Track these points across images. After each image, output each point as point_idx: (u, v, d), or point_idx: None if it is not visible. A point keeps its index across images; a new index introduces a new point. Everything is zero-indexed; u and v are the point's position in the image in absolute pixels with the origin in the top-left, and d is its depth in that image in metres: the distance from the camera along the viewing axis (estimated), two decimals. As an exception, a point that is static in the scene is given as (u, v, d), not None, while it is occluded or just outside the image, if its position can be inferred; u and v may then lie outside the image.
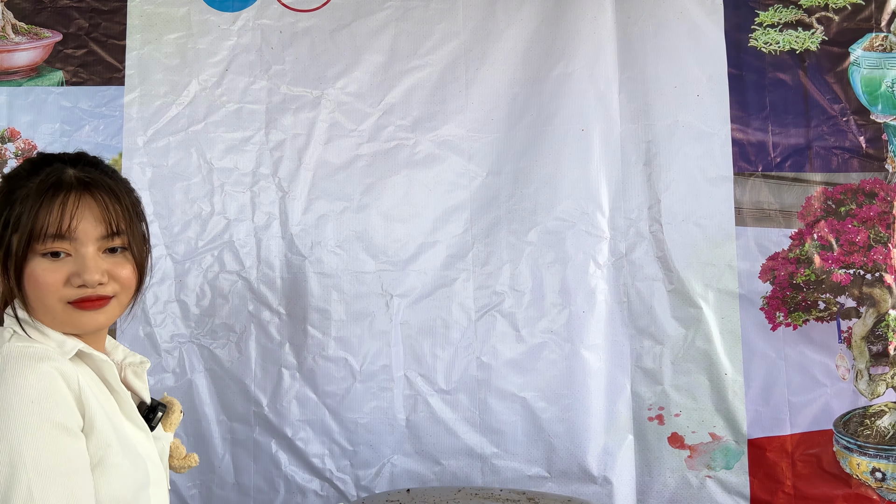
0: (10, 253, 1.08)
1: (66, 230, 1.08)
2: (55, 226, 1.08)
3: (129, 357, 1.26)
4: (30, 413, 0.99)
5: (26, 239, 1.07)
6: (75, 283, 1.09)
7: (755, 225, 2.16)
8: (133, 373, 1.24)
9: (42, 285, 1.08)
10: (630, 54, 2.20)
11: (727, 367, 2.13)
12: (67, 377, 1.03)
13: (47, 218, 1.08)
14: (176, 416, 1.29)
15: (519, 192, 2.19)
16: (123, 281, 1.14)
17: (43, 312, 1.10)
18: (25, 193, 1.09)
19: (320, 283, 2.17)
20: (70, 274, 1.09)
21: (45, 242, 1.08)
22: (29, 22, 2.21)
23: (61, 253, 1.09)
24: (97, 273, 1.10)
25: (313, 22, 2.23)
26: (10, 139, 2.17)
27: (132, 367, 1.25)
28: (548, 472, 2.14)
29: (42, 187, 1.09)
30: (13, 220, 1.08)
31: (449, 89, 2.22)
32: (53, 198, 1.09)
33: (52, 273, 1.09)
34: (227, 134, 2.20)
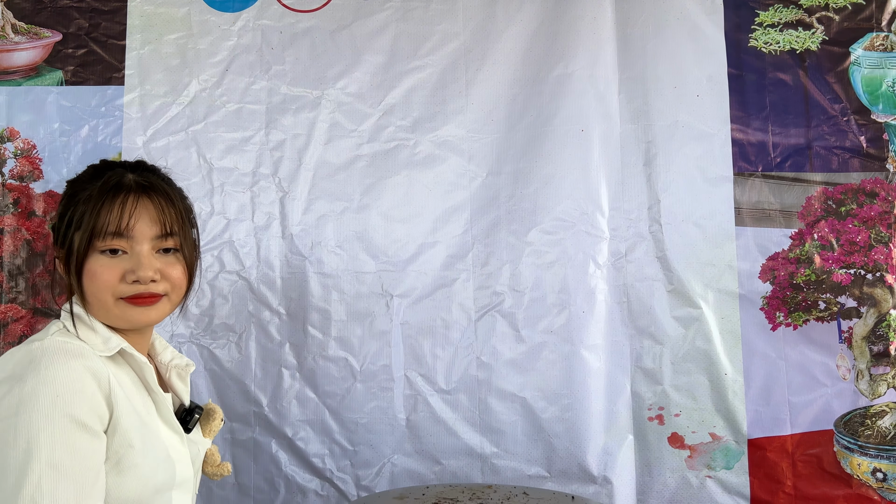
0: (72, 250, 1.16)
1: (124, 228, 1.16)
2: (115, 224, 1.16)
3: (176, 359, 1.32)
4: (52, 406, 1.02)
5: (88, 236, 1.15)
6: (129, 279, 1.16)
7: (755, 225, 2.16)
8: (177, 375, 1.30)
9: (99, 280, 1.15)
10: (630, 54, 2.20)
11: (727, 367, 2.13)
12: (98, 376, 1.08)
13: (108, 217, 1.16)
14: (216, 423, 1.33)
15: (519, 192, 2.19)
16: (174, 280, 1.20)
17: (98, 307, 1.16)
18: (88, 195, 1.17)
19: (320, 283, 2.17)
20: (125, 271, 1.16)
21: (105, 239, 1.15)
22: (29, 22, 2.21)
23: (119, 250, 1.16)
24: (150, 270, 1.17)
25: (314, 22, 2.23)
26: (9, 139, 2.17)
27: (177, 369, 1.30)
28: (548, 472, 2.14)
29: (104, 189, 1.17)
30: (76, 219, 1.16)
31: (449, 90, 2.22)
32: (114, 198, 1.17)
33: (110, 269, 1.16)
34: (227, 134, 2.20)
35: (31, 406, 1.02)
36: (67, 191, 1.22)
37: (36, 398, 1.02)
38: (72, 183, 1.23)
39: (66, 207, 1.19)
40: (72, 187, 1.21)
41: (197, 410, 1.28)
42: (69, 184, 1.23)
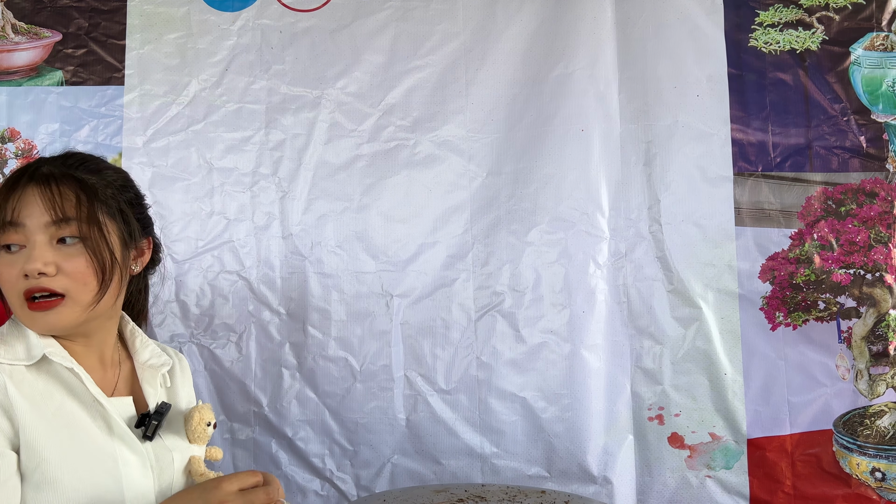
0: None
1: (12, 218, 1.06)
2: (7, 215, 1.06)
3: (152, 359, 1.22)
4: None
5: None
6: (28, 270, 1.05)
7: (755, 225, 2.16)
8: (148, 377, 1.20)
9: (4, 281, 1.07)
10: (630, 54, 2.20)
11: (727, 367, 2.13)
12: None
13: (3, 209, 1.07)
14: (198, 428, 1.18)
15: (519, 192, 2.19)
16: (74, 274, 1.07)
17: (15, 313, 1.08)
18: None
19: (320, 283, 2.17)
20: (23, 267, 1.06)
21: (3, 234, 1.07)
22: (29, 22, 2.21)
23: (13, 245, 1.07)
24: (39, 262, 1.05)
25: (313, 22, 2.23)
26: (9, 139, 2.17)
27: (150, 370, 1.20)
28: (548, 472, 2.14)
29: (7, 182, 1.09)
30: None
31: (449, 90, 2.21)
32: (11, 189, 1.08)
33: (9, 266, 1.07)
34: (227, 134, 2.20)
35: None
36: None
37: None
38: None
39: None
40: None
41: (156, 416, 1.13)
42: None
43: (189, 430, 1.18)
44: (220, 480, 1.06)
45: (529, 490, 1.74)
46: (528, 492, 1.72)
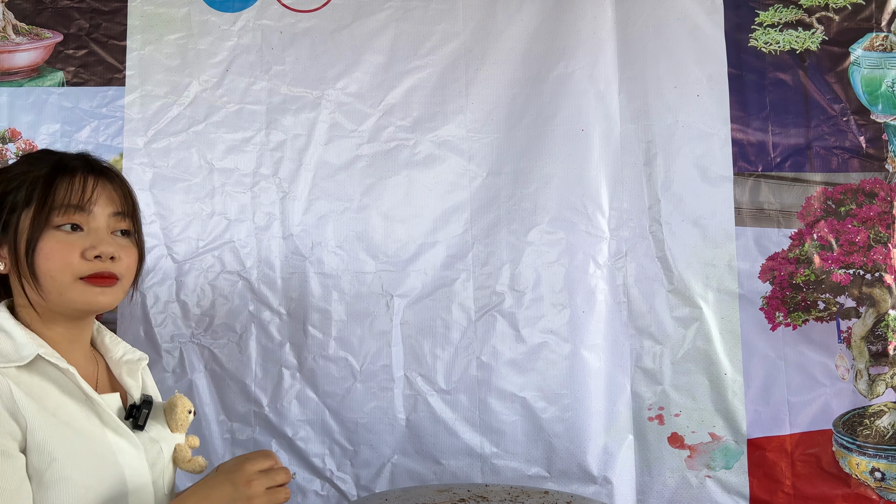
0: (17, 231, 1.09)
1: (85, 202, 1.10)
2: (76, 197, 1.10)
3: (127, 354, 1.24)
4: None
5: (44, 212, 1.08)
6: (90, 255, 1.09)
7: (755, 225, 2.16)
8: (127, 372, 1.22)
9: (57, 258, 1.08)
10: (630, 54, 2.20)
11: (727, 367, 2.13)
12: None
13: (67, 191, 1.10)
14: (182, 416, 1.23)
15: (519, 192, 2.19)
16: (128, 265, 1.15)
17: (51, 291, 1.09)
18: (35, 176, 1.10)
19: (321, 284, 2.17)
20: (84, 248, 1.10)
21: (65, 213, 1.09)
22: (30, 22, 2.22)
23: (78, 226, 1.10)
24: (113, 247, 1.11)
25: (313, 22, 2.23)
26: (10, 139, 2.17)
27: (128, 364, 1.22)
28: (548, 472, 2.14)
29: (57, 167, 1.11)
30: (22, 198, 1.09)
31: (449, 90, 2.22)
32: (71, 175, 1.11)
33: (69, 246, 1.09)
34: (228, 134, 2.20)
35: None
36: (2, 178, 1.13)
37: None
38: (6, 171, 1.14)
39: (3, 189, 1.11)
40: (7, 173, 1.13)
41: (144, 406, 1.17)
42: (3, 171, 1.14)
43: (172, 420, 1.23)
44: (242, 462, 1.10)
45: (532, 490, 1.74)
46: (530, 492, 1.72)
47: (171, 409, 1.23)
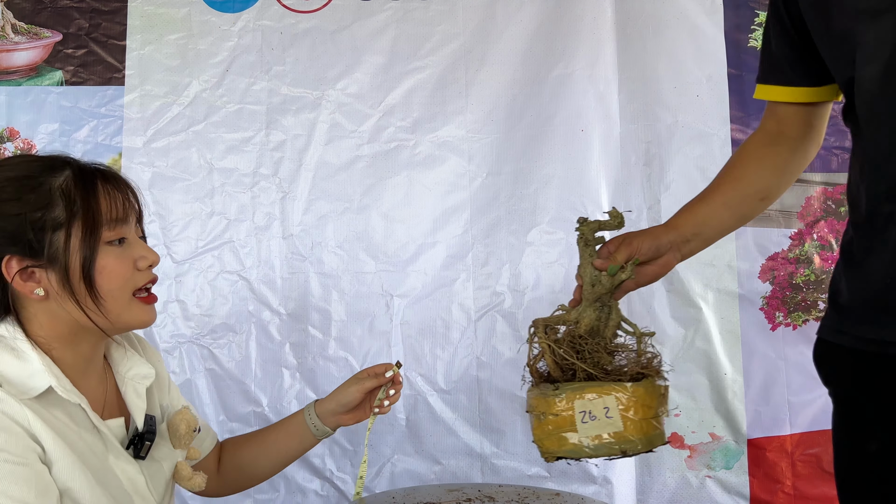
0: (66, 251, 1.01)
1: (125, 213, 1.06)
2: (118, 209, 1.06)
3: (133, 368, 1.17)
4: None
5: (97, 229, 1.02)
6: (142, 265, 1.07)
7: (755, 225, 2.16)
8: (133, 390, 1.16)
9: (116, 275, 1.04)
10: (630, 54, 2.20)
11: (727, 367, 2.13)
12: (15, 421, 0.95)
13: (109, 203, 1.04)
14: (185, 435, 1.19)
15: (519, 192, 2.19)
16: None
17: (112, 309, 1.04)
18: (64, 189, 1.02)
19: (321, 284, 2.17)
20: (135, 259, 1.07)
21: (114, 228, 1.05)
22: (29, 22, 2.21)
23: (124, 238, 1.07)
24: (155, 254, 1.09)
25: (314, 23, 2.23)
26: (9, 139, 2.17)
27: (133, 381, 1.16)
28: (547, 472, 2.14)
29: (81, 175, 1.04)
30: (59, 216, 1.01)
31: (449, 90, 2.22)
32: (104, 181, 1.05)
33: (123, 261, 1.06)
34: (228, 134, 2.20)
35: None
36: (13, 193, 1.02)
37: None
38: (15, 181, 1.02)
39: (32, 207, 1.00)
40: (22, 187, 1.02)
41: (147, 436, 1.12)
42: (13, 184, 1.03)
43: (176, 439, 1.19)
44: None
45: (542, 491, 1.74)
46: (539, 493, 1.72)
47: (174, 427, 1.19)
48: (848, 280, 1.13)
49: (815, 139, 1.30)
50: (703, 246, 1.34)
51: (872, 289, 1.07)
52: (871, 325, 1.08)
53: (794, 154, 1.30)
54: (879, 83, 1.02)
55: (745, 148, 1.34)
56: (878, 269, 1.06)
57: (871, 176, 1.06)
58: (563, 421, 1.18)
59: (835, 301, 1.17)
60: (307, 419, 1.39)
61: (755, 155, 1.32)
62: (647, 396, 1.17)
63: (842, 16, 1.06)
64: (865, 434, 1.14)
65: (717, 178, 1.34)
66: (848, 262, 1.13)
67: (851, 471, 1.19)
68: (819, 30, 1.14)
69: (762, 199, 1.31)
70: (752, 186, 1.30)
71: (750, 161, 1.32)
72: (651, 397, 1.18)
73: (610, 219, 1.32)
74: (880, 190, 1.04)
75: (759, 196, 1.31)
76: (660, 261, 1.30)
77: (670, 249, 1.30)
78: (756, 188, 1.30)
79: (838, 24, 1.07)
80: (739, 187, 1.31)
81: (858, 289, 1.11)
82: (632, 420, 1.16)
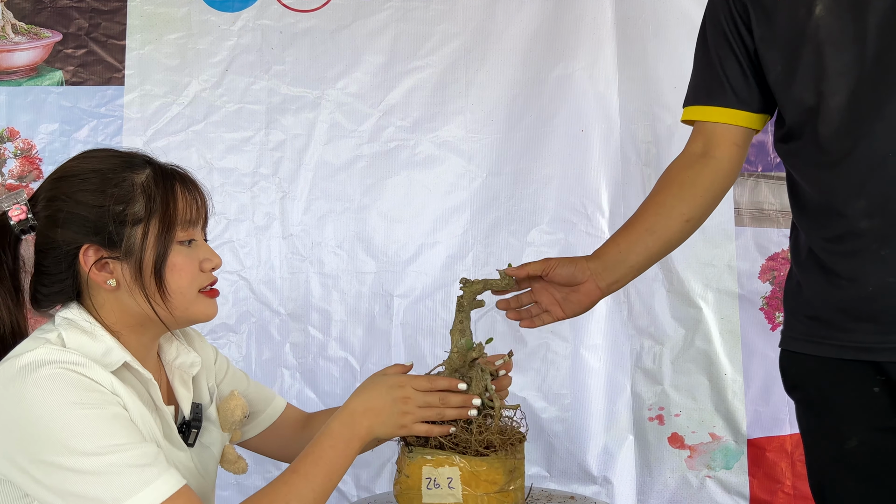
0: (142, 246, 1.05)
1: (192, 216, 1.10)
2: (193, 212, 1.10)
3: (180, 356, 1.19)
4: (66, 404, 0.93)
5: (174, 228, 1.06)
6: (207, 267, 1.11)
7: (755, 225, 2.16)
8: (180, 379, 1.18)
9: (185, 274, 1.08)
10: (630, 54, 2.20)
11: (727, 368, 2.13)
12: (101, 382, 0.99)
13: (186, 205, 1.09)
14: (237, 418, 1.22)
15: (519, 192, 2.19)
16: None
17: (179, 305, 1.08)
18: (145, 186, 1.06)
19: (320, 284, 2.17)
20: (201, 261, 1.10)
21: (187, 230, 1.09)
22: (29, 22, 2.21)
23: (194, 238, 1.10)
24: (217, 255, 1.13)
25: (313, 22, 2.23)
26: (9, 139, 2.17)
27: (180, 370, 1.18)
28: (548, 472, 2.14)
29: (161, 174, 1.08)
30: (137, 211, 1.05)
31: (449, 90, 2.22)
32: (182, 184, 1.09)
33: (192, 261, 1.09)
34: (228, 134, 2.20)
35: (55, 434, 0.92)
36: (98, 185, 1.05)
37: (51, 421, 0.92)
38: (100, 173, 1.06)
39: (114, 201, 1.04)
40: (105, 178, 1.06)
41: (194, 423, 1.16)
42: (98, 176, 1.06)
43: (229, 424, 1.22)
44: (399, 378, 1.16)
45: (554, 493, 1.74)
46: (550, 494, 1.72)
47: (230, 412, 1.22)
48: (819, 291, 1.19)
49: (739, 162, 1.34)
50: (633, 275, 1.35)
51: (849, 298, 1.14)
52: (847, 333, 1.15)
53: (716, 175, 1.32)
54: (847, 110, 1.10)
55: (666, 174, 1.36)
56: (855, 280, 1.13)
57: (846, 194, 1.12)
58: (412, 483, 1.21)
59: (801, 311, 1.23)
60: None
61: (677, 179, 1.33)
62: (490, 472, 1.18)
63: (806, 46, 1.13)
64: (842, 433, 1.19)
65: (641, 206, 1.36)
66: (820, 274, 1.19)
67: (830, 470, 1.23)
68: (774, 60, 1.19)
69: (687, 221, 1.32)
70: (676, 210, 1.31)
71: (672, 185, 1.33)
72: (496, 473, 1.18)
73: (499, 279, 1.31)
74: (859, 207, 1.11)
75: (683, 219, 1.31)
76: (581, 289, 1.32)
77: (590, 277, 1.31)
78: (679, 211, 1.31)
79: (802, 54, 1.14)
80: (662, 212, 1.32)
81: (833, 299, 1.16)
82: (472, 494, 1.18)
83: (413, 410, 1.14)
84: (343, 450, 1.10)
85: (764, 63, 1.22)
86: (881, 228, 1.10)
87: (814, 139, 1.16)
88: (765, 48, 1.20)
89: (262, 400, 1.36)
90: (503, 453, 1.20)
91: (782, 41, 1.17)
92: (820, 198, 1.18)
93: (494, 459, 1.19)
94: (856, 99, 1.09)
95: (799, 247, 1.26)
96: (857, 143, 1.10)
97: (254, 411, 1.33)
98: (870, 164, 1.10)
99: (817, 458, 1.26)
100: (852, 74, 1.09)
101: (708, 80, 1.31)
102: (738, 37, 1.25)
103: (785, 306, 1.30)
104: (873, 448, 1.16)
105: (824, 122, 1.13)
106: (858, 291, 1.13)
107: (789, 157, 1.24)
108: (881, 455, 1.16)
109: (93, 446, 0.92)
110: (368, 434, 1.12)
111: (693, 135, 1.35)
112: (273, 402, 1.38)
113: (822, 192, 1.17)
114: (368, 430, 1.12)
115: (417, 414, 1.15)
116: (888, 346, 1.11)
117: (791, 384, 1.30)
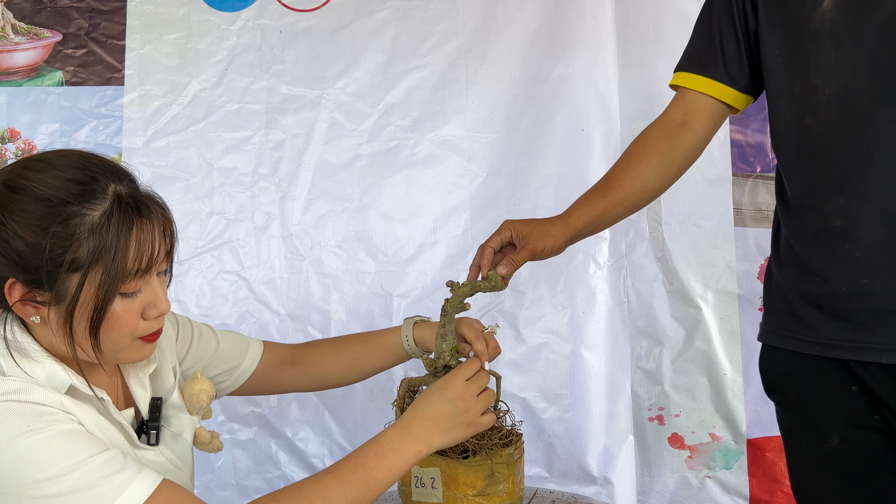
0: (76, 297, 0.94)
1: (141, 266, 0.97)
2: (147, 260, 0.97)
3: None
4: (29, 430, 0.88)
5: (116, 283, 0.95)
6: (151, 314, 1.00)
7: (754, 225, 2.16)
8: (135, 379, 1.13)
9: (123, 325, 0.98)
10: (630, 54, 2.20)
11: (726, 368, 2.13)
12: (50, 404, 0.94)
13: (138, 254, 0.96)
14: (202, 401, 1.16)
15: (519, 192, 2.19)
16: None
17: (108, 351, 1.00)
18: (95, 228, 0.94)
19: (320, 283, 2.17)
20: (145, 307, 1.00)
21: (135, 281, 0.97)
22: (29, 22, 2.21)
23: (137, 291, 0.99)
24: (167, 304, 1.02)
25: (313, 22, 2.23)
26: (9, 139, 2.17)
27: (136, 369, 1.13)
28: (548, 473, 2.14)
29: (120, 215, 0.95)
30: (84, 260, 0.93)
31: (449, 89, 2.21)
32: (135, 225, 0.96)
33: (132, 311, 0.99)
34: (227, 134, 2.20)
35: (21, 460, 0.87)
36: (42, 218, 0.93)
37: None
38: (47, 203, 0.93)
39: (55, 242, 0.92)
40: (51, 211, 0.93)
41: (152, 425, 1.09)
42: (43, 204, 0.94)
43: (196, 409, 1.17)
44: (450, 378, 1.12)
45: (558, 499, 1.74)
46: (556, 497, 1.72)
47: (195, 397, 1.16)
48: (794, 286, 1.19)
49: (708, 139, 1.34)
50: (590, 235, 1.38)
51: (822, 295, 1.14)
52: (817, 330, 1.15)
53: (690, 151, 1.33)
54: (837, 105, 1.09)
55: (646, 140, 1.35)
56: (828, 279, 1.13)
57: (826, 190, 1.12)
58: (406, 480, 1.24)
59: (777, 306, 1.23)
60: (404, 341, 1.39)
61: (658, 148, 1.33)
62: (467, 475, 1.18)
63: (807, 36, 1.12)
64: (823, 432, 1.19)
65: (616, 171, 1.35)
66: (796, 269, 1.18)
67: (812, 470, 1.24)
68: (773, 44, 1.19)
69: (654, 195, 1.34)
70: (651, 182, 1.32)
71: (652, 154, 1.33)
72: (474, 476, 1.19)
73: (487, 281, 1.30)
74: (837, 204, 1.10)
75: (654, 193, 1.33)
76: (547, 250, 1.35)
77: (560, 239, 1.33)
78: (653, 184, 1.32)
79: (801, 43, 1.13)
80: (639, 183, 1.32)
81: (807, 295, 1.16)
82: (451, 495, 1.20)
83: (473, 405, 1.11)
84: (392, 460, 1.05)
85: (763, 45, 1.21)
86: (854, 229, 1.09)
87: (800, 129, 1.15)
88: (767, 31, 1.20)
89: (237, 354, 1.31)
90: (481, 457, 1.20)
91: (785, 27, 1.16)
92: (800, 192, 1.17)
93: (472, 462, 1.20)
94: (847, 95, 1.09)
95: (779, 240, 1.25)
96: (844, 140, 1.09)
97: (230, 367, 1.29)
98: (853, 162, 1.09)
99: (799, 459, 1.27)
100: (847, 70, 1.08)
101: (703, 50, 1.31)
102: (742, 14, 1.25)
103: (763, 300, 1.29)
104: (855, 447, 1.17)
105: (813, 114, 1.12)
106: (831, 289, 1.12)
107: (777, 147, 1.23)
108: (863, 453, 1.16)
109: (55, 470, 0.88)
110: (426, 445, 1.07)
111: (675, 100, 1.36)
112: (249, 352, 1.32)
113: (803, 185, 1.17)
114: (427, 442, 1.07)
115: (478, 405, 1.12)
116: (855, 345, 1.11)
117: (770, 386, 1.29)
